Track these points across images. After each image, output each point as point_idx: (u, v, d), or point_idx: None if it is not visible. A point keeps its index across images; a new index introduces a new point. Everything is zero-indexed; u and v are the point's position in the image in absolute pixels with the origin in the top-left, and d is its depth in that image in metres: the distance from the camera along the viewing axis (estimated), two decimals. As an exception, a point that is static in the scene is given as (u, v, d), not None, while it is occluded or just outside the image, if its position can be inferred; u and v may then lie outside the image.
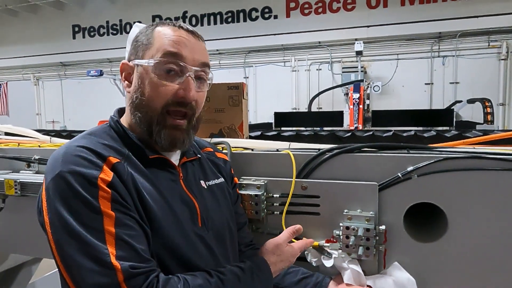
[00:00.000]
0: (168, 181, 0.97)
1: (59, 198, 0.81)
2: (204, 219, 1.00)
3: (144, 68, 0.94)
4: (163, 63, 0.93)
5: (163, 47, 0.93)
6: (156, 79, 0.93)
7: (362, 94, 7.44)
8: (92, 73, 9.77)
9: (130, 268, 0.78)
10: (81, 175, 0.82)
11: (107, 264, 0.77)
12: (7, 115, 12.18)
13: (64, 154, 0.85)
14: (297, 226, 1.15)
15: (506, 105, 8.35)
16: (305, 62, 9.52)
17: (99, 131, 0.97)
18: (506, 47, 8.17)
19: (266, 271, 1.02)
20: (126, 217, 0.83)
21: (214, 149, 1.22)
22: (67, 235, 0.79)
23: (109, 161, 0.86)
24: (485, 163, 1.10)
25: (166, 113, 0.94)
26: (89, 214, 0.80)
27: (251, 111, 9.41)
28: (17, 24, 11.83)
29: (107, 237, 0.79)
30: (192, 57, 0.95)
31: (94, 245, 0.78)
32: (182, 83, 0.94)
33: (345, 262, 1.18)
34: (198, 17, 10.18)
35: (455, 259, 1.14)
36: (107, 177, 0.84)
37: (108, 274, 0.77)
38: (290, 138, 2.74)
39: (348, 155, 1.22)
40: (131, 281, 0.77)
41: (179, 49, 0.94)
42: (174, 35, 0.95)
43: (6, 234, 1.68)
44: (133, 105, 0.96)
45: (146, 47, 0.96)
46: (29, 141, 1.80)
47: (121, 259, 0.78)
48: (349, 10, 9.12)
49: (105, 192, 0.82)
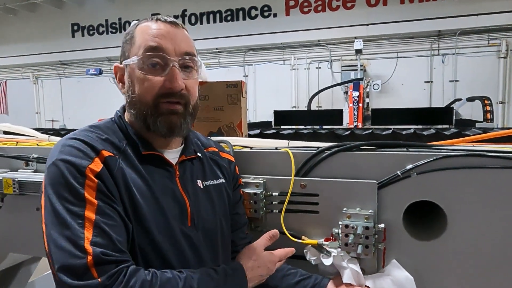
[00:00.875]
0: (163, 178, 0.98)
1: (50, 184, 0.87)
2: (194, 219, 1.00)
3: (131, 67, 0.98)
4: (146, 58, 0.95)
5: (144, 43, 0.96)
6: (142, 75, 0.95)
7: (361, 93, 7.45)
8: (91, 72, 9.76)
9: (101, 254, 0.80)
10: (71, 164, 0.86)
11: (80, 247, 0.80)
12: (6, 113, 12.17)
13: (62, 145, 0.90)
14: (273, 231, 1.13)
15: (505, 103, 8.36)
16: (305, 61, 9.52)
17: (102, 125, 1.00)
18: (505, 45, 8.17)
19: (241, 275, 1.00)
20: (108, 207, 0.86)
21: (220, 149, 1.21)
22: (52, 217, 0.84)
23: (101, 154, 0.90)
24: (485, 161, 1.09)
25: (158, 104, 0.96)
26: (73, 200, 0.84)
27: (251, 110, 9.40)
28: (16, 23, 11.81)
29: (86, 223, 0.83)
30: (174, 47, 0.96)
31: (72, 228, 0.82)
32: (167, 74, 0.95)
33: (344, 261, 1.17)
34: (197, 16, 10.16)
35: (454, 257, 1.14)
36: (96, 168, 0.87)
37: (79, 257, 0.80)
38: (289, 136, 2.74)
39: (347, 153, 1.22)
40: (100, 267, 0.80)
41: (159, 42, 0.95)
42: (153, 28, 0.97)
43: (4, 233, 1.68)
44: (128, 104, 1.00)
45: (130, 46, 0.99)
46: (28, 140, 1.80)
47: (94, 244, 0.81)
48: (349, 8, 9.12)
49: (91, 181, 0.86)
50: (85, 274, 0.79)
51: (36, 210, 1.58)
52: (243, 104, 1.64)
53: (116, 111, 1.06)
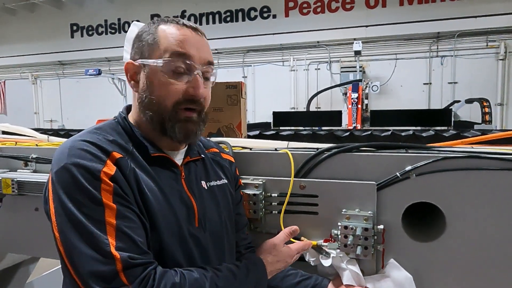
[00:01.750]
0: (170, 179, 0.98)
1: (63, 189, 0.84)
2: (201, 220, 1.00)
3: (152, 68, 0.95)
4: (171, 63, 0.94)
5: (170, 47, 0.94)
6: (165, 78, 0.94)
7: (360, 94, 7.45)
8: (90, 72, 9.74)
9: (129, 259, 0.81)
10: (85, 168, 0.84)
11: (106, 254, 0.80)
12: (5, 113, 12.15)
13: (70, 148, 0.88)
14: (294, 227, 1.16)
15: (504, 105, 8.38)
16: (304, 62, 9.52)
17: (106, 127, 0.98)
18: (504, 47, 8.19)
19: (261, 269, 1.04)
20: (126, 209, 0.85)
21: (220, 150, 1.22)
22: (70, 224, 0.82)
23: (112, 156, 0.89)
24: (484, 162, 1.10)
25: (177, 110, 0.96)
26: (91, 205, 0.83)
27: (249, 111, 9.40)
28: (15, 23, 11.80)
29: (107, 228, 0.82)
30: (199, 55, 0.97)
31: (95, 234, 0.81)
32: (191, 81, 0.95)
33: (344, 263, 1.18)
34: (196, 16, 10.16)
35: (453, 259, 1.14)
36: (110, 171, 0.86)
37: (107, 263, 0.80)
38: (289, 137, 2.75)
39: (347, 155, 1.22)
40: (129, 271, 0.80)
41: (186, 49, 0.95)
42: (180, 34, 0.96)
43: (3, 233, 1.68)
44: (142, 104, 0.97)
45: (152, 47, 0.96)
46: (27, 140, 1.80)
47: (120, 249, 0.81)
48: (348, 9, 9.13)
49: (107, 185, 0.85)
50: (115, 279, 0.79)
51: (35, 210, 1.59)
52: (242, 105, 1.65)
53: (120, 112, 1.04)
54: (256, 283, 1.02)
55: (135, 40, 1.01)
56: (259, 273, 1.03)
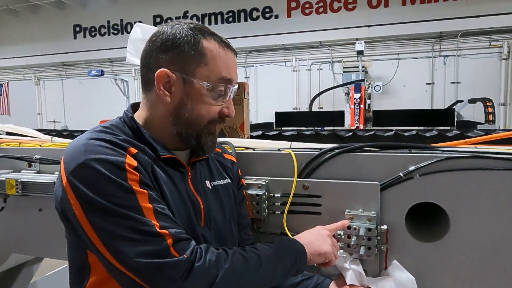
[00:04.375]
0: (178, 179, 0.99)
1: (86, 186, 0.84)
2: (207, 219, 1.02)
3: (196, 87, 0.95)
4: (218, 87, 0.97)
5: (220, 72, 0.97)
6: (209, 100, 0.97)
7: (363, 94, 7.43)
8: (93, 73, 9.78)
9: (176, 234, 0.85)
10: (108, 162, 0.85)
11: (154, 233, 0.83)
12: (8, 114, 12.20)
13: (85, 145, 0.88)
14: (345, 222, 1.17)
15: (507, 105, 8.35)
16: (306, 62, 9.52)
17: (113, 126, 0.98)
18: (507, 47, 8.17)
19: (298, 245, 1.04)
20: (155, 194, 0.89)
21: (223, 150, 1.23)
22: (107, 218, 0.83)
23: (130, 151, 0.90)
24: (488, 162, 1.09)
25: (209, 126, 1.00)
26: (123, 194, 0.84)
27: (252, 111, 9.40)
28: (18, 24, 11.84)
29: (146, 212, 0.84)
30: (236, 78, 1.02)
31: (137, 219, 0.83)
32: (226, 102, 1.01)
33: (347, 262, 1.17)
34: (199, 17, 10.17)
35: (457, 259, 1.13)
36: (132, 162, 0.88)
37: (156, 242, 0.82)
38: (292, 137, 2.74)
39: (350, 155, 1.22)
40: (178, 245, 0.84)
41: (232, 76, 0.99)
42: (227, 57, 0.99)
43: (7, 233, 1.68)
44: (177, 118, 0.98)
45: (196, 64, 0.95)
46: (30, 141, 1.80)
47: (165, 228, 0.84)
48: (350, 10, 9.12)
49: (133, 174, 0.86)
50: (167, 254, 0.82)
51: (38, 211, 1.59)
52: (245, 105, 1.65)
53: (126, 112, 1.03)
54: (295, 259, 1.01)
55: (168, 46, 0.95)
56: (296, 249, 1.03)
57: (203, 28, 0.98)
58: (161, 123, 0.99)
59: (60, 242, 0.97)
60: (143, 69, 1.00)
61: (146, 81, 0.99)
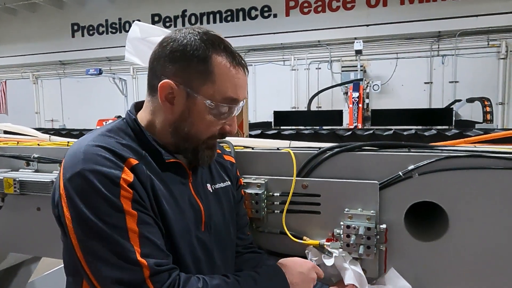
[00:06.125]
0: (179, 184, 0.97)
1: (80, 196, 0.82)
2: (208, 223, 1.01)
3: (199, 104, 0.92)
4: (222, 107, 0.93)
5: (226, 92, 0.92)
6: (211, 118, 0.94)
7: (361, 93, 7.45)
8: (91, 72, 9.75)
9: (155, 265, 0.81)
10: (103, 175, 0.82)
11: (133, 261, 0.80)
12: (6, 113, 12.16)
13: (84, 152, 0.85)
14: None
15: (505, 104, 8.37)
16: (305, 61, 9.52)
17: (116, 129, 0.96)
18: (505, 47, 8.19)
19: (281, 277, 1.02)
20: (146, 216, 0.86)
21: (222, 151, 1.22)
22: (92, 233, 0.81)
23: (129, 163, 0.87)
24: (486, 161, 1.09)
25: (208, 141, 0.98)
26: (112, 212, 0.82)
27: (250, 110, 9.40)
28: (16, 23, 11.81)
29: (130, 235, 0.82)
30: (243, 96, 0.97)
31: (119, 242, 0.81)
32: (229, 119, 0.97)
33: (346, 262, 1.17)
34: (197, 16, 10.17)
35: (456, 258, 1.13)
36: (129, 177, 0.85)
37: (133, 270, 0.80)
38: (291, 136, 2.75)
39: (349, 154, 1.22)
40: (155, 277, 0.81)
41: (238, 95, 0.95)
42: (236, 76, 0.94)
43: (5, 233, 1.68)
44: (176, 131, 0.95)
45: (203, 80, 0.91)
46: (28, 140, 1.79)
47: (145, 256, 0.81)
48: (349, 9, 9.13)
49: (126, 191, 0.84)
50: (141, 287, 0.80)
51: (36, 210, 1.58)
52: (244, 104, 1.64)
53: (129, 113, 1.00)
54: None
55: (177, 56, 0.91)
56: (280, 281, 1.01)
57: (216, 41, 0.93)
58: (162, 129, 0.97)
59: (58, 241, 0.96)
60: (150, 73, 0.97)
61: (151, 86, 0.96)
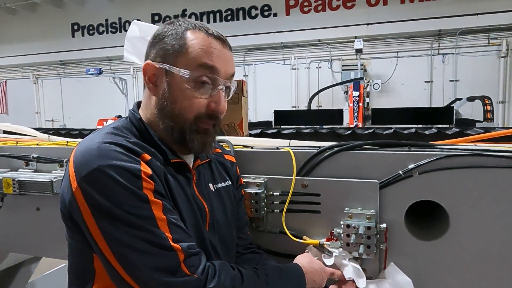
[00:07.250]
0: (184, 184, 0.97)
1: (102, 192, 0.81)
2: (212, 223, 1.01)
3: (176, 77, 0.92)
4: (198, 76, 0.91)
5: (199, 59, 0.91)
6: (190, 91, 0.92)
7: (362, 92, 7.44)
8: (92, 71, 9.75)
9: (188, 249, 0.84)
10: (124, 169, 0.83)
11: (167, 247, 0.82)
12: (6, 113, 12.17)
13: (98, 149, 0.84)
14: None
15: (506, 103, 8.36)
16: (305, 60, 9.51)
17: (122, 127, 0.95)
18: (506, 45, 8.17)
19: (301, 275, 1.05)
20: (168, 204, 0.87)
21: (223, 150, 1.22)
22: (120, 227, 0.81)
23: (143, 157, 0.88)
24: (487, 160, 1.09)
25: (198, 123, 0.95)
26: (139, 204, 0.82)
27: (250, 109, 9.40)
28: (16, 23, 11.80)
29: (160, 223, 0.83)
30: (225, 69, 0.95)
31: (151, 231, 0.82)
32: (214, 96, 0.94)
33: (346, 260, 1.17)
34: (197, 15, 10.15)
35: (456, 257, 1.13)
36: (147, 170, 0.86)
37: (169, 256, 0.82)
38: (291, 136, 2.74)
39: (349, 153, 1.21)
40: (188, 261, 0.83)
41: (214, 62, 0.92)
42: (209, 45, 0.93)
43: (4, 233, 1.68)
44: (162, 112, 0.95)
45: (177, 53, 0.92)
46: (28, 140, 1.79)
47: (178, 241, 0.83)
48: (349, 8, 9.11)
49: (148, 183, 0.85)
50: (178, 271, 0.82)
51: (36, 210, 1.58)
52: (243, 103, 1.64)
53: (132, 112, 1.00)
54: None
55: (156, 40, 0.95)
56: (298, 278, 1.04)
57: (197, 24, 0.95)
58: (156, 120, 0.96)
59: (58, 241, 0.96)
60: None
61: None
